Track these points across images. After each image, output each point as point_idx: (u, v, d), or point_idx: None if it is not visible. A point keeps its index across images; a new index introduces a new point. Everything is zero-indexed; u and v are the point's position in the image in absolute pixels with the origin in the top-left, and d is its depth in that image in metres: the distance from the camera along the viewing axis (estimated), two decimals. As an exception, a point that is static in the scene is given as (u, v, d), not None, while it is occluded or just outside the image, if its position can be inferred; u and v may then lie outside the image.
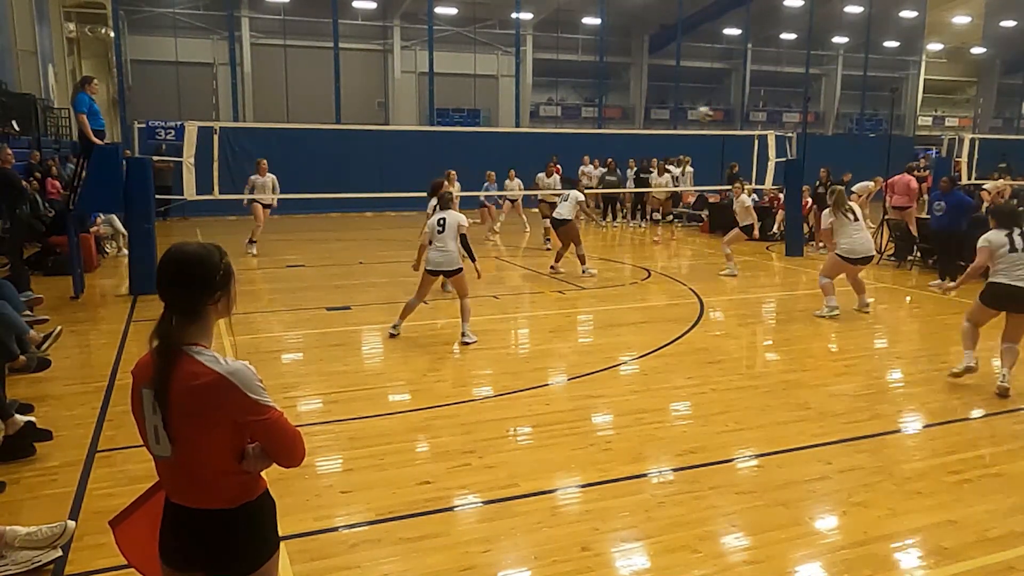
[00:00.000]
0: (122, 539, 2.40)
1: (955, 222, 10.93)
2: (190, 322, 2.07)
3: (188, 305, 2.07)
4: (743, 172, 17.73)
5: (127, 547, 2.41)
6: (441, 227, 7.65)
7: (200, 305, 2.09)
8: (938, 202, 11.24)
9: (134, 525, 2.37)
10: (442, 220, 7.67)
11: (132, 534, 2.37)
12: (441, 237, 7.62)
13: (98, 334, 8.21)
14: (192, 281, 2.07)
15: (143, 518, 2.34)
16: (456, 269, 7.68)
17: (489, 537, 3.82)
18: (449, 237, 7.61)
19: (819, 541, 3.83)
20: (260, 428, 2.07)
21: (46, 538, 3.59)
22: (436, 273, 7.83)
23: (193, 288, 2.07)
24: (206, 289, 2.09)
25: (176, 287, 2.07)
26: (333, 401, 5.97)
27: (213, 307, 2.13)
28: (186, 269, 2.08)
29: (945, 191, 11.16)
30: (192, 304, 2.08)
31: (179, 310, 2.06)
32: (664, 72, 33.52)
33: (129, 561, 2.44)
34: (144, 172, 10.34)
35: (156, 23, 26.95)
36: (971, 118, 40.44)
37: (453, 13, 29.88)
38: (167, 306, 2.07)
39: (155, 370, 2.02)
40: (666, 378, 6.62)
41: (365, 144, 21.51)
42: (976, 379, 6.63)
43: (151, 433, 2.07)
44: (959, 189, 11.39)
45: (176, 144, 17.42)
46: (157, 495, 2.30)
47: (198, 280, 2.08)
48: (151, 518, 2.27)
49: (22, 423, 4.82)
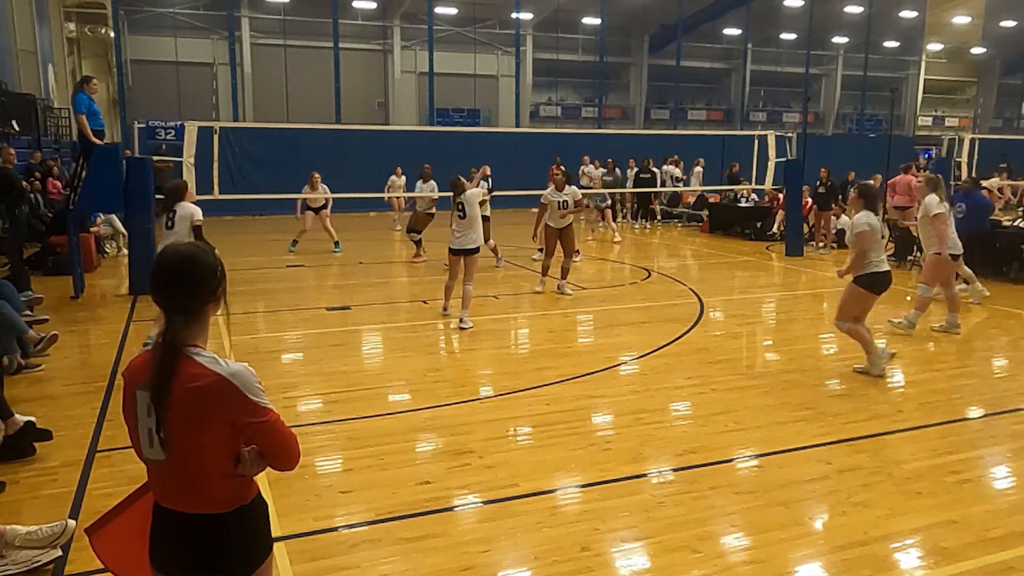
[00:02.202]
0: (100, 546, 2.33)
1: (978, 223, 10.70)
2: (190, 323, 2.06)
3: (189, 305, 2.06)
4: (743, 172, 17.78)
5: (106, 555, 2.33)
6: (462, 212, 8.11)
7: (200, 304, 2.09)
8: (959, 204, 10.88)
9: (115, 531, 2.31)
10: (461, 204, 8.13)
11: (113, 541, 2.31)
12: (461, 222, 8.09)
13: (98, 334, 8.21)
14: (193, 281, 2.07)
15: (125, 524, 2.28)
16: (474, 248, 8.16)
17: (489, 537, 3.82)
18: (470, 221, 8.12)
19: (819, 541, 3.83)
20: (258, 430, 2.05)
21: (46, 537, 3.58)
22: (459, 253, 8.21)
23: (194, 288, 2.07)
24: (206, 288, 2.09)
25: (176, 288, 2.05)
26: (333, 401, 5.97)
27: (212, 306, 2.13)
28: (186, 269, 2.07)
29: (967, 192, 10.88)
30: (193, 304, 2.07)
31: (179, 311, 2.05)
32: (664, 72, 33.54)
33: (110, 569, 2.37)
34: (144, 172, 10.34)
35: (156, 23, 26.97)
36: (971, 118, 40.45)
37: (453, 13, 29.89)
38: (167, 309, 2.05)
39: (155, 372, 1.99)
40: (666, 378, 6.62)
41: (365, 144, 21.51)
42: (975, 379, 6.64)
43: (144, 436, 2.05)
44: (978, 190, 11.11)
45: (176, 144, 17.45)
46: (141, 500, 2.26)
47: (198, 280, 2.07)
48: (135, 524, 2.23)
49: (22, 423, 4.82)
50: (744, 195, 18.31)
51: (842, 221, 15.60)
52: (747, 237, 17.03)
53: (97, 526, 2.35)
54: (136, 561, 2.23)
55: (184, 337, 2.04)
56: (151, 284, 2.08)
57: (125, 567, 2.33)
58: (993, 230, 11.81)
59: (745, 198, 18.27)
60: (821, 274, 12.59)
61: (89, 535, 2.36)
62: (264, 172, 20.41)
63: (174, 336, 2.02)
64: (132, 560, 2.26)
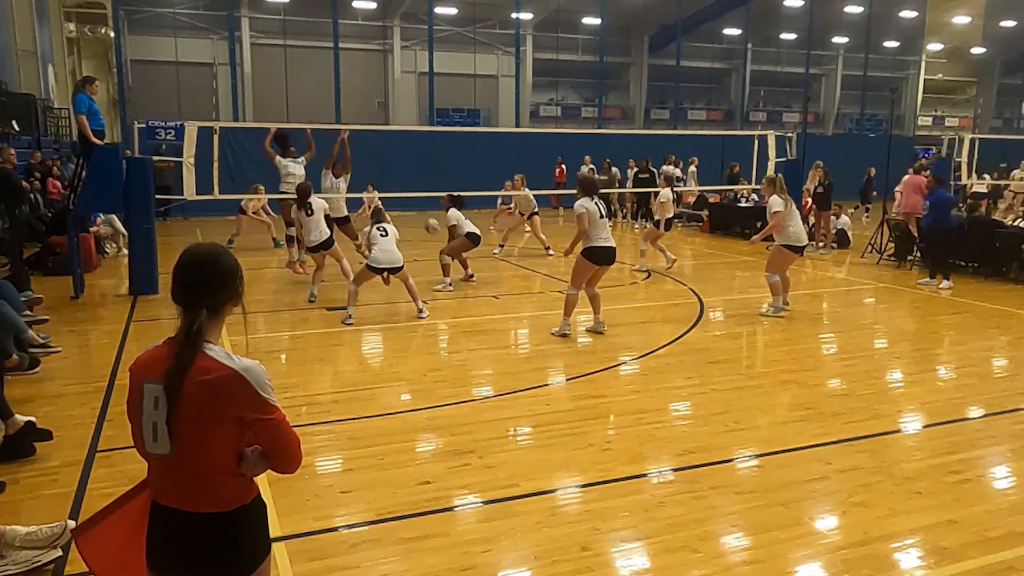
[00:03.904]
0: (86, 549, 2.29)
1: (941, 218, 10.96)
2: (213, 320, 2.12)
3: (214, 303, 2.12)
4: (743, 172, 17.78)
5: (93, 558, 2.30)
6: (384, 232, 8.64)
7: (222, 303, 2.14)
8: (925, 201, 11.32)
9: (104, 533, 2.28)
10: (383, 228, 8.70)
11: (100, 543, 2.28)
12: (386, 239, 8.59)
13: (98, 334, 8.21)
14: (220, 280, 2.13)
15: (115, 525, 2.26)
16: (399, 267, 8.62)
17: (489, 537, 3.82)
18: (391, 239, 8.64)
19: (819, 541, 3.83)
20: (264, 428, 2.07)
21: (46, 538, 3.58)
22: (380, 271, 8.59)
23: (221, 286, 2.13)
24: (231, 287, 2.15)
25: (206, 286, 2.10)
26: (333, 401, 5.97)
27: (233, 305, 2.19)
28: (214, 268, 2.13)
29: (931, 190, 11.25)
30: (215, 303, 2.12)
31: (205, 308, 2.09)
32: (664, 72, 33.54)
33: (96, 572, 2.33)
34: (144, 172, 10.34)
35: (156, 23, 26.96)
36: (971, 118, 40.44)
37: (453, 13, 29.89)
38: (191, 305, 2.08)
39: (173, 365, 2.01)
40: (666, 378, 6.62)
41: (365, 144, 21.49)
42: (975, 379, 6.64)
43: (148, 430, 2.05)
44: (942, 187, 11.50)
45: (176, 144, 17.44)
46: (133, 501, 2.24)
47: (224, 278, 2.14)
48: (127, 526, 2.22)
49: (22, 423, 4.82)
50: (744, 195, 18.30)
51: (842, 221, 15.62)
52: (747, 237, 16.99)
53: (84, 528, 2.32)
54: (123, 564, 2.22)
55: (207, 333, 2.08)
56: (175, 280, 2.12)
57: (109, 570, 2.30)
58: (993, 230, 11.86)
59: (745, 198, 18.27)
60: (821, 274, 12.60)
61: (75, 537, 2.33)
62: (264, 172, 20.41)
63: (198, 332, 2.05)
64: (118, 563, 2.24)
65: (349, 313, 8.56)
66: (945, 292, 10.56)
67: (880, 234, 13.59)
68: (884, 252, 13.36)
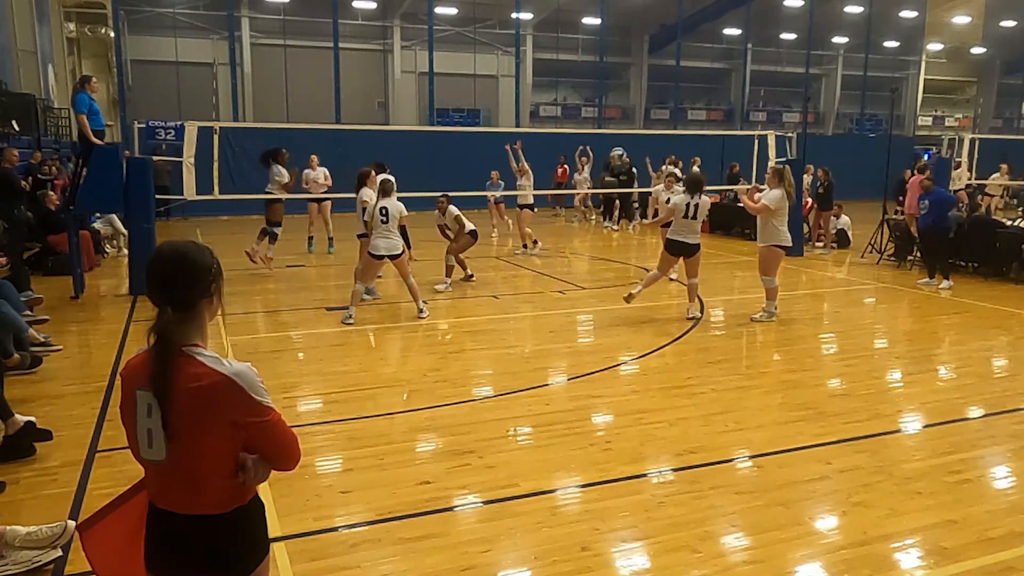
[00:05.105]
0: (90, 545, 2.29)
1: (939, 218, 10.97)
2: (186, 320, 2.05)
3: (183, 301, 2.05)
4: (743, 172, 17.77)
5: (96, 555, 2.30)
6: (385, 216, 8.48)
7: (195, 300, 2.07)
8: (922, 201, 11.29)
9: (107, 529, 2.28)
10: (384, 209, 8.50)
11: (103, 539, 2.28)
12: (387, 226, 8.49)
13: (98, 334, 8.21)
14: (188, 276, 2.06)
15: (118, 522, 2.26)
16: (398, 253, 8.59)
17: (489, 537, 3.82)
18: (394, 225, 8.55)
19: (819, 541, 3.83)
20: (260, 429, 2.05)
21: (46, 538, 3.58)
22: (381, 258, 8.57)
23: (189, 284, 2.06)
24: (201, 284, 2.08)
25: (171, 283, 2.04)
26: (333, 401, 5.97)
27: (207, 304, 2.11)
28: (181, 264, 2.06)
29: (928, 190, 11.21)
30: (187, 300, 2.05)
31: (174, 307, 2.03)
32: (664, 72, 33.52)
33: (96, 570, 2.33)
34: (144, 172, 10.34)
35: (156, 23, 26.94)
36: (971, 118, 40.42)
37: (453, 13, 29.88)
38: (161, 304, 2.03)
39: (154, 371, 1.98)
40: (666, 378, 6.62)
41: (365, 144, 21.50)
42: (975, 379, 6.64)
43: (143, 437, 2.04)
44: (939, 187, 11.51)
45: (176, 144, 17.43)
46: (134, 500, 2.24)
47: (193, 275, 2.07)
48: (128, 525, 2.21)
49: (22, 423, 4.82)
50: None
51: (842, 221, 15.61)
52: (747, 237, 17.00)
53: (89, 523, 2.32)
54: (125, 561, 2.21)
55: (183, 335, 2.03)
56: (146, 279, 2.07)
57: (112, 568, 2.30)
58: (993, 230, 11.87)
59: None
60: (821, 274, 12.60)
61: (80, 532, 2.34)
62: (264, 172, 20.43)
63: (165, 330, 1.99)
64: (120, 560, 2.23)
65: (349, 313, 8.56)
66: (945, 292, 10.56)
67: (880, 234, 13.59)
68: (884, 252, 13.36)
